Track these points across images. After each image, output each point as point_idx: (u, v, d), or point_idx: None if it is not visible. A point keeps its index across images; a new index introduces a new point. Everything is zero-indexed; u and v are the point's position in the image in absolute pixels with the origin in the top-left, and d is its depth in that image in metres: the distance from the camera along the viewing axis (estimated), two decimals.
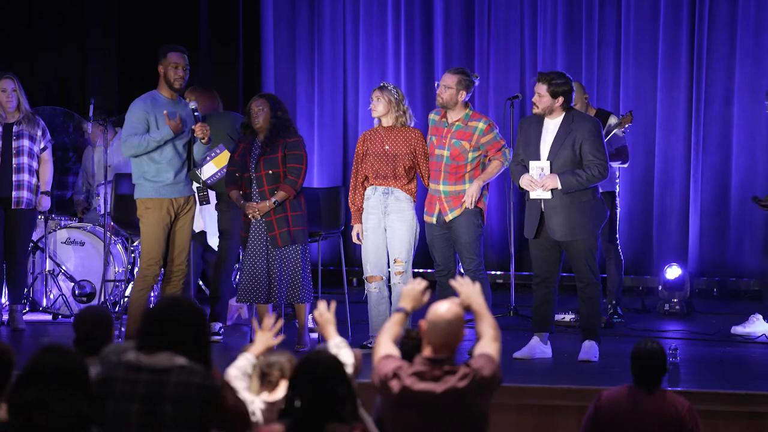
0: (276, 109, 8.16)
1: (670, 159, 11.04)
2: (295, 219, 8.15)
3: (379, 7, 11.50)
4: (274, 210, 8.11)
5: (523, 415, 6.92)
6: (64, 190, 10.50)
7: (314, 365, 4.52)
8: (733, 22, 10.86)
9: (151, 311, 4.50)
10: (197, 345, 4.40)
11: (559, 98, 7.83)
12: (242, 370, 5.08)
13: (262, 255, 8.14)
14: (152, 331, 4.37)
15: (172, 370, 4.29)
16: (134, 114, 7.99)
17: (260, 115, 8.13)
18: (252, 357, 5.12)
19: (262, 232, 8.15)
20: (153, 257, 7.96)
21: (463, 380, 4.61)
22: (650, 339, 5.80)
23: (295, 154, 8.14)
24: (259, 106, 8.14)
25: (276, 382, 5.15)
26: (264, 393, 5.13)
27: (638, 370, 5.61)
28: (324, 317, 5.18)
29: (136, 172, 8.06)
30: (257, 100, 8.20)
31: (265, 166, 8.11)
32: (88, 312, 5.49)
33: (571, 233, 7.83)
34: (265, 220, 8.12)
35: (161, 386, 4.27)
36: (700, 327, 9.29)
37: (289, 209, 8.14)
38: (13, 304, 9.12)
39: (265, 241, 8.13)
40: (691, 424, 5.53)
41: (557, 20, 11.16)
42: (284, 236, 8.10)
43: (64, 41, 11.55)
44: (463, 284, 4.86)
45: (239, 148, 8.23)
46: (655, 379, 5.61)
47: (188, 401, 4.27)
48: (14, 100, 9.00)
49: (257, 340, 5.17)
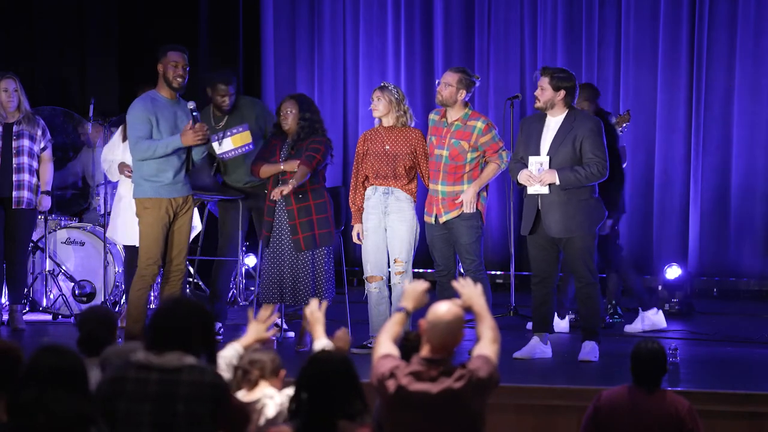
0: (305, 110, 8.18)
1: (670, 159, 11.05)
2: (321, 222, 8.14)
3: (379, 7, 11.50)
4: (299, 213, 8.09)
5: (523, 415, 6.91)
6: (65, 190, 10.50)
7: (323, 364, 4.52)
8: (733, 22, 10.86)
9: (158, 312, 4.50)
10: (205, 345, 4.41)
11: (561, 92, 7.83)
12: (227, 360, 4.99)
13: (286, 255, 8.12)
14: (161, 332, 4.37)
15: (183, 370, 4.30)
16: (136, 116, 7.94)
17: (289, 117, 8.16)
18: (239, 347, 5.03)
19: (285, 233, 8.13)
20: (151, 257, 7.95)
21: (459, 381, 4.61)
22: (651, 339, 5.80)
23: (313, 147, 8.12)
24: (288, 108, 8.17)
25: (255, 382, 5.10)
26: (242, 391, 5.09)
27: (638, 370, 5.60)
28: (314, 316, 5.18)
29: (135, 172, 8.05)
30: (287, 101, 8.24)
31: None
32: (91, 312, 5.49)
33: (568, 230, 7.83)
34: (290, 223, 8.11)
35: (173, 385, 4.28)
36: (700, 327, 9.29)
37: (314, 212, 8.12)
38: (13, 304, 9.12)
39: (289, 242, 8.12)
40: (691, 424, 5.52)
41: (557, 20, 11.16)
42: (308, 240, 8.08)
43: (64, 41, 11.54)
44: (465, 285, 4.86)
45: (270, 144, 8.28)
46: (655, 379, 5.61)
47: (200, 399, 4.28)
48: (15, 100, 9.00)
49: (249, 330, 5.10)
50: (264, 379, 5.11)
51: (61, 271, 9.67)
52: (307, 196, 8.13)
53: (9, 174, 9.00)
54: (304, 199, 8.12)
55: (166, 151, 7.84)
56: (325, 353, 4.64)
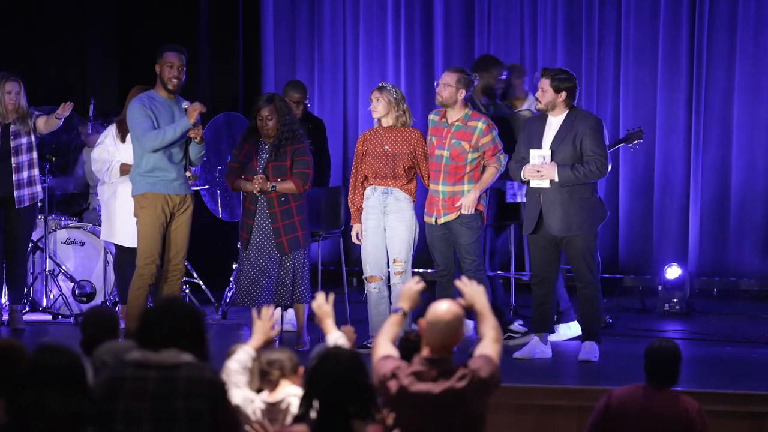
0: (285, 114, 8.14)
1: (670, 159, 11.04)
2: (302, 223, 8.15)
3: (379, 8, 11.49)
4: (282, 215, 8.09)
5: (523, 415, 6.92)
6: (65, 189, 10.49)
7: (334, 362, 4.50)
8: (733, 22, 10.85)
9: (148, 312, 4.50)
10: (196, 345, 4.40)
11: (562, 93, 7.86)
12: (242, 364, 4.99)
13: (268, 258, 8.11)
14: (151, 332, 4.37)
15: (182, 366, 4.30)
16: (136, 112, 7.97)
17: (270, 122, 8.11)
18: (251, 350, 5.03)
19: (267, 235, 8.13)
20: (149, 256, 7.97)
21: (461, 381, 4.61)
22: (665, 339, 5.77)
23: (302, 160, 8.13)
24: (267, 113, 8.11)
25: (276, 382, 5.10)
26: (264, 392, 5.09)
27: (653, 369, 5.56)
28: (322, 309, 5.17)
29: (133, 170, 8.07)
30: (267, 105, 8.13)
31: (273, 173, 8.09)
32: (94, 312, 5.49)
33: (569, 228, 7.84)
34: (272, 226, 8.10)
35: (171, 382, 4.28)
36: (700, 327, 9.29)
37: (296, 214, 8.13)
38: (13, 304, 9.12)
39: (270, 245, 8.11)
40: (700, 425, 5.51)
41: (557, 20, 11.15)
42: (291, 242, 8.09)
43: (64, 41, 11.54)
44: (467, 284, 4.87)
45: (244, 149, 8.22)
46: (670, 378, 5.57)
47: (199, 396, 4.28)
48: (17, 102, 9.01)
49: (256, 331, 5.09)
50: (285, 378, 5.10)
51: (61, 271, 9.66)
52: (288, 198, 8.13)
53: (9, 174, 9.00)
54: (287, 201, 8.12)
55: (175, 134, 7.87)
56: (334, 350, 4.62)
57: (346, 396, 4.43)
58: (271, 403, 5.01)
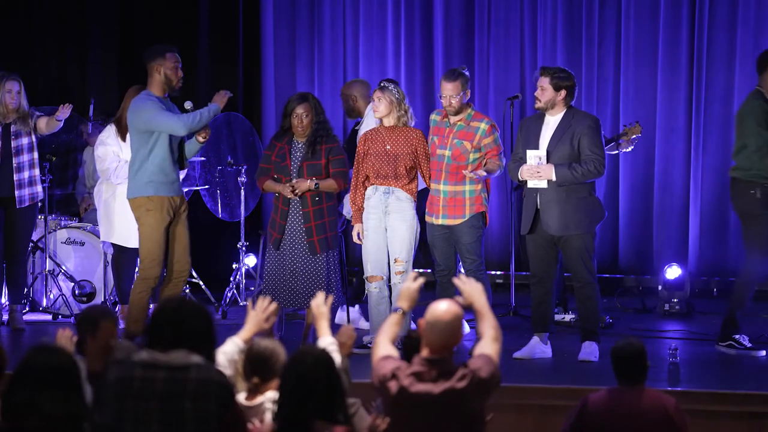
0: (319, 112, 8.12)
1: (670, 159, 11.04)
2: (332, 224, 8.13)
3: (379, 7, 11.49)
4: (314, 215, 8.06)
5: (523, 415, 6.92)
6: (65, 188, 10.50)
7: (301, 361, 4.49)
8: (733, 22, 10.85)
9: (158, 312, 4.48)
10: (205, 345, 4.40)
11: (562, 92, 7.87)
12: (229, 356, 4.94)
13: (299, 258, 8.08)
14: (162, 332, 4.36)
15: (191, 367, 4.30)
16: (154, 105, 7.78)
17: (304, 121, 8.06)
18: (240, 341, 4.99)
19: (299, 235, 8.09)
20: (154, 259, 7.91)
21: (461, 381, 4.61)
22: (631, 336, 5.77)
23: (339, 159, 8.12)
24: (303, 111, 8.06)
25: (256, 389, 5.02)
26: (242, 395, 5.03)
27: (619, 369, 5.55)
28: (320, 310, 5.15)
29: (137, 172, 8.02)
30: (302, 103, 8.08)
31: (308, 171, 8.05)
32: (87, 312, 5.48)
33: (566, 228, 7.85)
34: (305, 225, 8.08)
35: (180, 383, 4.28)
36: (700, 327, 9.28)
37: (327, 214, 8.10)
38: (13, 304, 9.13)
39: (302, 245, 8.09)
40: (679, 421, 5.49)
41: (557, 20, 11.16)
42: (322, 243, 8.05)
43: (64, 41, 11.54)
44: (466, 283, 4.86)
45: (276, 149, 8.19)
46: (637, 377, 5.55)
47: (207, 398, 4.28)
48: (17, 102, 9.01)
49: (248, 321, 5.04)
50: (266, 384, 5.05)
51: (61, 271, 9.67)
52: (322, 198, 8.10)
53: (9, 174, 9.00)
54: (320, 201, 8.09)
55: (209, 116, 7.89)
56: (303, 350, 4.60)
57: (311, 396, 4.41)
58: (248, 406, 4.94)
